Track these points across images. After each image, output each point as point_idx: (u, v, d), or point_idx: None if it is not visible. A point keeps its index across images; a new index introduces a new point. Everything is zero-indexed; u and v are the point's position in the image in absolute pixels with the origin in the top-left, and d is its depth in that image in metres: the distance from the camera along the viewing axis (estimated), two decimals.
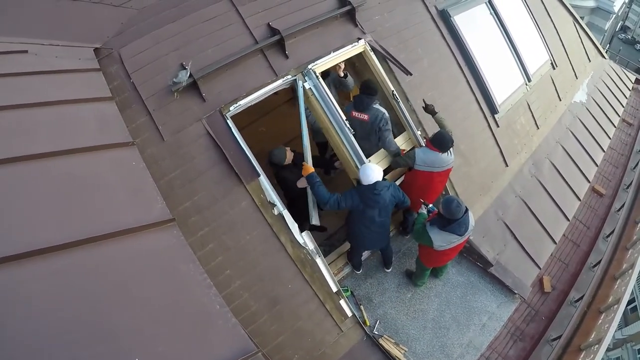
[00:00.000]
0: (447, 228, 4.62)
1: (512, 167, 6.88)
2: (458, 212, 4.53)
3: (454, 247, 4.88)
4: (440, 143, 5.08)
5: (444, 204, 4.57)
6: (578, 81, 9.13)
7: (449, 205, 4.53)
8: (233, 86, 4.79)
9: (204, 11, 4.93)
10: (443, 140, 5.08)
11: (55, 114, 3.58)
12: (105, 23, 4.72)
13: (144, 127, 4.34)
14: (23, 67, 3.99)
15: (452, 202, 4.53)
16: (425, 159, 5.14)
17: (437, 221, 4.71)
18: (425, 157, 5.14)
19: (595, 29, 37.87)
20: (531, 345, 5.55)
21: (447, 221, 4.60)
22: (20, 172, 3.06)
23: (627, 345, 20.67)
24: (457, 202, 4.55)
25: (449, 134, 5.15)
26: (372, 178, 4.66)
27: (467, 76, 6.63)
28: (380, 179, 4.71)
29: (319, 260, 4.79)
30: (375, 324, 5.41)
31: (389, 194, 4.81)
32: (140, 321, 2.67)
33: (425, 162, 5.16)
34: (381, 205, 4.80)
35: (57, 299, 2.57)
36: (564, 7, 9.56)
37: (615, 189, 8.08)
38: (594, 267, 6.51)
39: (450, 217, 4.56)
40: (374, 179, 4.66)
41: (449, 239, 4.72)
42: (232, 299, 4.22)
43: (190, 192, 4.34)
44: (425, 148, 5.22)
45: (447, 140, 5.08)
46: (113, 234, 2.90)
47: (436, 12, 6.59)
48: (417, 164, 5.18)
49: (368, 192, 4.70)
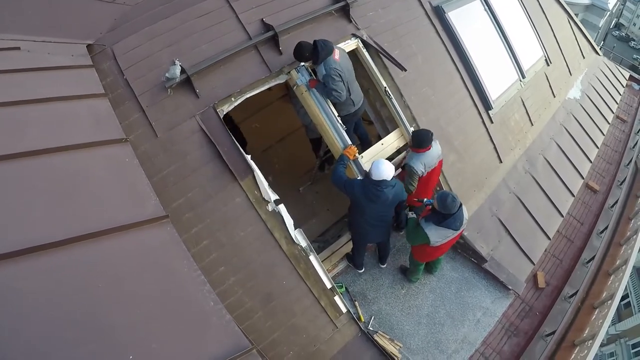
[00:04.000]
0: (443, 223, 4.62)
1: (506, 163, 6.90)
2: (453, 207, 4.53)
3: (448, 241, 4.89)
4: (422, 141, 5.05)
5: (439, 200, 4.57)
6: (572, 78, 9.15)
7: (444, 201, 4.53)
8: (227, 82, 4.77)
9: (197, 7, 4.91)
10: (422, 137, 5.05)
11: (47, 110, 3.56)
12: (98, 19, 4.68)
13: (137, 123, 4.33)
14: (15, 63, 3.95)
15: (447, 197, 4.53)
16: (425, 162, 5.15)
17: (432, 217, 4.71)
18: (423, 161, 5.15)
19: (590, 26, 38.05)
20: (525, 341, 5.57)
21: (443, 216, 4.60)
22: (12, 169, 3.04)
23: (621, 340, 20.87)
24: (452, 196, 4.54)
25: (421, 129, 5.14)
26: (382, 175, 4.60)
27: (462, 72, 6.63)
28: (389, 179, 4.64)
29: (312, 257, 4.79)
30: (370, 320, 5.42)
31: (392, 192, 4.74)
32: (134, 318, 2.67)
33: (425, 165, 5.17)
34: (382, 201, 4.74)
35: (51, 297, 2.56)
36: (559, 3, 9.58)
37: (609, 185, 8.10)
38: (587, 263, 6.53)
39: (445, 212, 4.56)
40: (383, 176, 4.60)
41: (445, 234, 4.72)
42: (227, 296, 4.22)
43: (184, 188, 4.33)
44: (416, 155, 5.16)
45: (425, 134, 5.06)
46: (106, 231, 2.89)
47: (431, 9, 6.59)
48: (422, 172, 5.17)
49: (372, 186, 4.66)
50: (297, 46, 4.85)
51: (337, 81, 4.92)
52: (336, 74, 4.90)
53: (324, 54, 4.86)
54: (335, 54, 4.96)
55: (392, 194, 4.75)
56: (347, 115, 5.48)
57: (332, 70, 4.88)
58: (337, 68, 4.92)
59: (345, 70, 5.06)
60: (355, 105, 5.45)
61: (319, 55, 4.84)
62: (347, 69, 5.15)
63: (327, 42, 4.89)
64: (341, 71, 4.96)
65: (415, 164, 5.12)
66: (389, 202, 4.81)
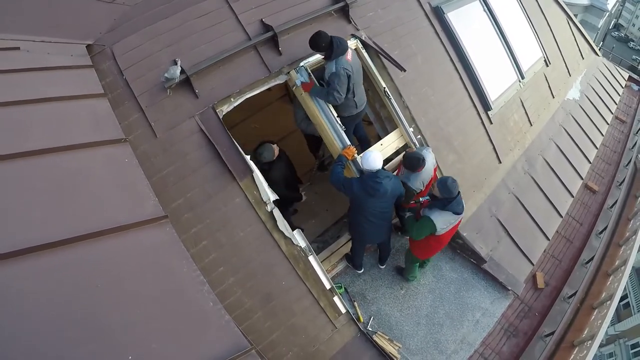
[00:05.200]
0: (447, 207, 4.66)
1: (506, 164, 6.90)
2: (455, 188, 4.60)
3: (448, 231, 4.93)
4: (416, 165, 5.08)
5: (440, 185, 4.62)
6: (571, 78, 9.16)
7: (444, 184, 4.58)
8: (226, 82, 4.77)
9: (197, 7, 4.91)
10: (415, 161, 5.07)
11: (47, 111, 3.55)
12: (97, 19, 4.69)
13: (136, 123, 4.32)
14: (15, 64, 3.95)
15: (447, 180, 4.60)
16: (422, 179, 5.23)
17: (435, 205, 4.75)
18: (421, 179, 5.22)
19: (589, 27, 38.04)
20: (524, 341, 5.57)
21: (447, 200, 4.64)
22: (12, 169, 3.04)
23: (620, 341, 20.87)
24: (451, 178, 4.62)
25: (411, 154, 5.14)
26: (374, 164, 4.69)
27: (461, 73, 6.63)
28: (380, 168, 4.74)
29: (312, 257, 4.79)
30: (369, 321, 5.42)
31: (391, 184, 4.80)
32: (134, 318, 2.66)
33: (424, 181, 5.26)
34: (381, 193, 4.75)
35: (50, 297, 2.56)
36: (558, 4, 9.59)
37: (608, 185, 8.11)
38: (587, 264, 6.54)
39: (448, 196, 4.61)
40: (377, 165, 4.70)
41: (449, 219, 4.76)
42: (226, 296, 4.22)
43: (184, 189, 4.32)
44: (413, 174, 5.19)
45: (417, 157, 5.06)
46: (105, 231, 2.89)
47: (430, 9, 6.59)
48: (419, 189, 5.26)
49: (369, 180, 4.71)
50: (316, 35, 4.78)
51: (342, 82, 4.88)
52: (345, 74, 4.87)
53: (338, 52, 4.83)
54: (348, 54, 4.96)
55: (391, 186, 4.80)
56: (349, 117, 5.47)
57: (342, 69, 4.84)
58: (348, 69, 4.89)
59: (355, 72, 5.06)
60: (357, 108, 5.44)
61: (333, 52, 4.81)
62: (357, 70, 5.15)
63: (342, 40, 4.88)
64: (351, 72, 4.94)
65: (414, 184, 5.22)
66: (389, 195, 4.84)
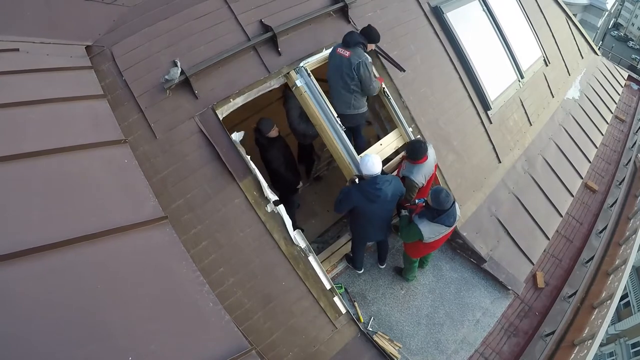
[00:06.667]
0: (436, 219, 4.62)
1: (505, 164, 6.90)
2: (447, 203, 4.53)
3: (441, 237, 4.90)
4: (419, 152, 5.03)
5: (433, 195, 4.56)
6: (571, 78, 9.17)
7: (437, 196, 4.53)
8: (225, 83, 4.78)
9: (196, 8, 4.91)
10: (419, 147, 5.04)
11: (46, 112, 3.55)
12: (96, 20, 4.68)
13: (136, 124, 4.33)
14: (14, 65, 3.95)
15: (441, 193, 4.54)
16: (424, 173, 5.16)
17: (425, 214, 4.71)
18: (423, 172, 5.15)
19: (588, 26, 38.09)
20: (525, 341, 5.57)
21: (437, 212, 4.60)
22: (11, 170, 3.04)
23: (620, 340, 20.86)
24: (445, 192, 4.55)
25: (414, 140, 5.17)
26: (373, 169, 4.64)
27: (460, 73, 6.63)
28: (379, 172, 4.69)
29: (312, 257, 4.79)
30: (369, 321, 5.43)
31: (391, 188, 4.74)
32: (133, 320, 2.66)
33: (425, 175, 5.18)
34: (382, 199, 4.71)
35: (49, 298, 2.55)
36: (557, 4, 9.60)
37: (607, 185, 8.12)
38: (587, 263, 6.54)
39: (439, 208, 4.56)
40: (376, 170, 4.64)
41: (438, 230, 4.72)
42: (226, 297, 4.22)
43: (183, 189, 4.33)
44: (415, 167, 5.12)
45: (421, 144, 5.06)
46: (105, 233, 2.88)
47: (429, 9, 6.59)
48: (422, 183, 5.19)
49: (368, 187, 4.66)
50: (374, 29, 5.15)
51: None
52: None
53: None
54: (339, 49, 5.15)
55: (391, 190, 4.75)
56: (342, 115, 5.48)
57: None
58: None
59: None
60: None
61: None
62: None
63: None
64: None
65: (417, 177, 5.12)
66: (390, 199, 4.80)
